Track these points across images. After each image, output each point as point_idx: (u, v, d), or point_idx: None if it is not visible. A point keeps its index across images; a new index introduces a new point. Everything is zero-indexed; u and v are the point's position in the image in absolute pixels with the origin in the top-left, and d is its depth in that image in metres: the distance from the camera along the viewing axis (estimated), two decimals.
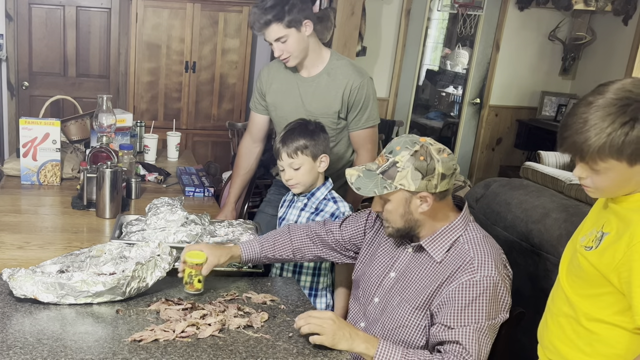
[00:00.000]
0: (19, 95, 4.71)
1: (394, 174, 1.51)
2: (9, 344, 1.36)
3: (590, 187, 1.32)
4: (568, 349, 1.43)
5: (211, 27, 4.49)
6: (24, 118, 2.62)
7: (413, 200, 1.53)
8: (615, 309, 1.33)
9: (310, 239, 1.86)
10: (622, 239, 1.28)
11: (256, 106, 2.51)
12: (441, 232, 1.58)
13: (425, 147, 1.51)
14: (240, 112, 4.70)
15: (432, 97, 6.24)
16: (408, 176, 1.50)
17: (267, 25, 2.21)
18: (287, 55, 2.27)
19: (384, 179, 1.53)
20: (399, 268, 1.66)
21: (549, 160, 4.89)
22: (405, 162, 1.50)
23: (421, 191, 1.51)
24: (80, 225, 2.22)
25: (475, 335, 1.47)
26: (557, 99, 5.63)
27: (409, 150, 1.51)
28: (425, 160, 1.50)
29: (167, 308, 1.57)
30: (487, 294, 1.48)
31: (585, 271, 1.36)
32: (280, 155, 2.00)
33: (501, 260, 1.55)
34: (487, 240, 1.58)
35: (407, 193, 1.52)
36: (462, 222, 1.59)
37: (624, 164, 1.24)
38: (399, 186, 1.51)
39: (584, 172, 1.30)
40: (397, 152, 1.52)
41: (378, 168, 1.55)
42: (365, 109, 2.35)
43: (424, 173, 1.50)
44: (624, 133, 1.20)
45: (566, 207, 2.03)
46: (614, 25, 5.23)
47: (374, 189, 1.53)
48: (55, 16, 4.62)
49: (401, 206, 1.55)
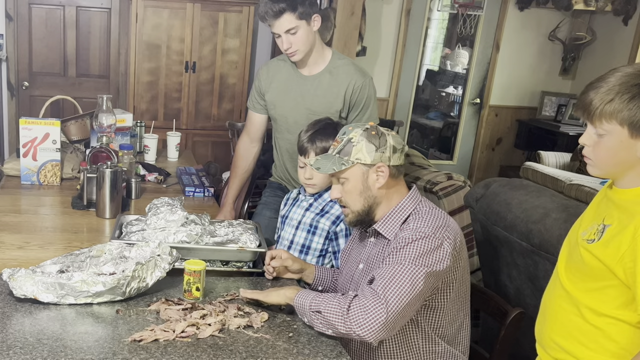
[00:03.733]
0: (19, 95, 4.71)
1: (350, 150, 1.62)
2: (9, 344, 1.36)
3: (591, 158, 1.35)
4: (571, 345, 1.43)
5: (211, 27, 4.49)
6: (24, 118, 2.62)
7: (370, 175, 1.63)
8: (619, 302, 1.33)
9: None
10: (626, 229, 1.28)
11: (254, 105, 2.51)
12: (391, 212, 1.66)
13: (374, 126, 1.66)
14: (240, 112, 4.70)
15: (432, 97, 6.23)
16: (363, 149, 1.61)
17: (281, 13, 2.20)
18: (295, 49, 2.26)
19: (340, 157, 1.63)
20: (364, 258, 1.74)
21: (549, 160, 4.88)
22: (359, 137, 1.62)
23: (376, 162, 1.61)
24: (80, 225, 2.22)
25: (390, 272, 1.48)
26: (557, 99, 5.63)
27: (361, 128, 1.64)
28: (377, 134, 1.63)
29: (167, 308, 1.57)
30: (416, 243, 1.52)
31: (588, 265, 1.36)
32: (308, 153, 2.00)
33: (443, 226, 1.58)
34: (433, 211, 1.63)
35: (363, 167, 1.62)
36: (411, 201, 1.67)
37: (626, 132, 1.27)
38: (356, 160, 1.62)
39: (589, 139, 1.34)
40: (349, 131, 1.65)
41: (334, 150, 1.66)
42: (367, 109, 2.36)
43: (377, 145, 1.62)
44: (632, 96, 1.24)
45: (566, 207, 2.03)
46: (614, 25, 5.23)
47: (332, 167, 1.64)
48: (55, 16, 4.62)
49: (359, 182, 1.64)
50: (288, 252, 1.86)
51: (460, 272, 1.62)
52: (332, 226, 2.04)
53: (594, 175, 1.41)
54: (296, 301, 1.54)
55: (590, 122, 1.32)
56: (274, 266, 1.78)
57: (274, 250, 1.84)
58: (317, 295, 1.53)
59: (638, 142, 1.27)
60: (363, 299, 1.45)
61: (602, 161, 1.34)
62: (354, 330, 1.43)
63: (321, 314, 1.48)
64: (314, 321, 1.50)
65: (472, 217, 2.49)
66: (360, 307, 1.44)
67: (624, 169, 1.32)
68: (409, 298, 1.46)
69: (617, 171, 1.34)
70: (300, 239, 2.09)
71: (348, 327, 1.44)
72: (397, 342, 1.64)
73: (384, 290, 1.45)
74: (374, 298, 1.44)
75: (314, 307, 1.50)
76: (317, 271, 1.89)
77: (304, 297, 1.53)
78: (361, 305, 1.44)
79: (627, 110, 1.25)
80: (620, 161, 1.31)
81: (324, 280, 1.91)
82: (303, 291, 1.56)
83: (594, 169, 1.37)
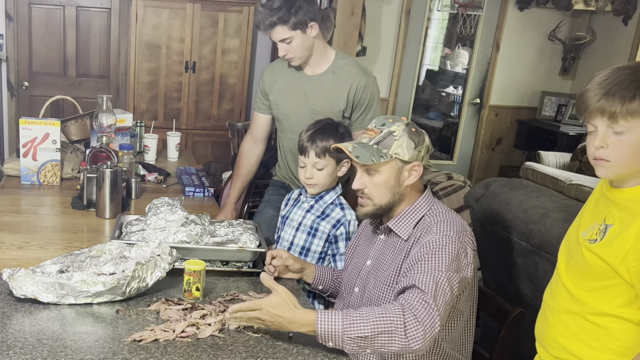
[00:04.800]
0: (19, 95, 4.71)
1: (391, 143, 1.58)
2: (9, 344, 1.36)
3: (608, 159, 1.30)
4: (573, 345, 1.43)
5: (211, 27, 4.49)
6: (24, 118, 2.62)
7: (403, 172, 1.61)
8: (621, 301, 1.34)
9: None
10: (629, 229, 1.28)
11: (259, 106, 2.52)
12: (406, 212, 1.65)
13: (412, 122, 1.64)
14: (241, 112, 4.70)
15: (432, 97, 6.23)
16: (404, 145, 1.58)
17: (272, 27, 2.22)
18: (292, 56, 2.29)
19: (379, 148, 1.59)
20: (374, 255, 1.72)
21: (549, 160, 4.89)
22: (402, 131, 1.59)
23: (413, 161, 1.59)
24: (80, 225, 2.22)
25: (433, 279, 1.46)
26: (557, 99, 5.63)
27: (402, 122, 1.61)
28: (416, 132, 1.62)
29: (167, 308, 1.57)
30: (447, 248, 1.51)
31: (590, 264, 1.36)
32: (308, 152, 1.99)
33: (464, 230, 1.58)
34: (450, 214, 1.62)
35: (399, 163, 1.60)
36: (426, 202, 1.66)
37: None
38: (394, 155, 1.59)
39: (604, 141, 1.29)
40: (390, 124, 1.61)
41: (371, 140, 1.61)
42: (370, 109, 2.36)
43: (416, 143, 1.60)
44: None
45: (566, 207, 2.03)
46: (614, 25, 5.23)
47: (371, 157, 1.59)
48: (55, 16, 4.62)
49: (392, 177, 1.61)
50: (288, 251, 1.86)
51: (472, 276, 1.61)
52: (333, 229, 2.03)
53: (604, 177, 1.38)
54: (320, 330, 1.38)
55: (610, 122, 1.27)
56: (275, 265, 1.78)
57: (274, 250, 1.84)
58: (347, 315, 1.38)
59: None
60: (415, 311, 1.39)
61: (623, 159, 1.29)
62: (411, 345, 1.37)
63: (367, 339, 1.36)
64: (347, 345, 1.37)
65: (472, 217, 2.49)
66: (416, 321, 1.38)
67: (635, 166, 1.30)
68: (451, 303, 1.47)
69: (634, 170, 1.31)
70: (300, 240, 2.09)
71: (404, 344, 1.37)
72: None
73: (435, 299, 1.42)
74: (427, 308, 1.40)
75: (352, 333, 1.36)
76: (317, 270, 1.89)
77: (330, 321, 1.37)
78: (417, 318, 1.38)
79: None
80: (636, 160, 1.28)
81: (324, 279, 1.91)
82: (323, 316, 1.38)
83: (609, 171, 1.32)
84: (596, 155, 1.32)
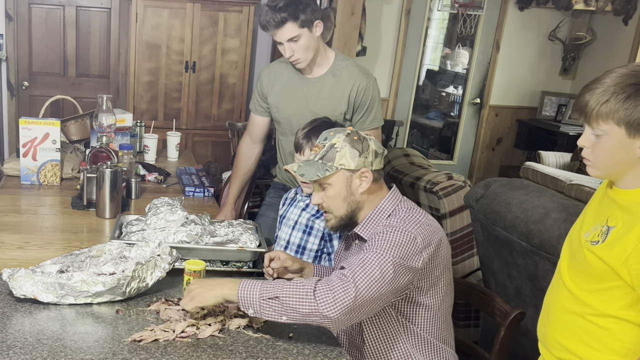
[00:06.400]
0: (19, 95, 4.71)
1: (333, 156, 1.61)
2: (9, 344, 1.36)
3: (590, 159, 1.35)
4: (575, 345, 1.43)
5: (211, 27, 4.48)
6: (24, 118, 2.62)
7: (353, 180, 1.63)
8: (623, 303, 1.33)
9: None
10: (632, 231, 1.28)
11: (256, 108, 2.50)
12: (371, 214, 1.67)
13: (354, 130, 1.65)
14: (240, 112, 4.70)
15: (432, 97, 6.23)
16: (347, 155, 1.60)
17: (282, 23, 2.19)
18: (298, 57, 2.25)
19: (324, 162, 1.62)
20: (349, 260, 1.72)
21: (549, 160, 4.88)
22: (342, 142, 1.61)
23: (360, 168, 1.61)
24: (80, 225, 2.22)
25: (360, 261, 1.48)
26: (557, 99, 5.63)
27: (343, 133, 1.63)
28: (359, 139, 1.62)
29: (167, 308, 1.57)
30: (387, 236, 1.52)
31: (592, 266, 1.36)
32: (303, 150, 2.00)
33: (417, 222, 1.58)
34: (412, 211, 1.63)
35: (347, 172, 1.62)
36: (390, 202, 1.67)
37: (623, 132, 1.27)
38: (340, 166, 1.61)
39: (587, 141, 1.34)
40: (331, 136, 1.64)
41: (316, 156, 1.64)
42: (371, 111, 2.35)
43: (360, 151, 1.61)
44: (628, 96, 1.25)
45: (566, 207, 2.03)
46: (614, 25, 5.23)
47: (316, 173, 1.61)
48: (55, 16, 4.62)
49: (343, 188, 1.63)
50: (286, 252, 1.86)
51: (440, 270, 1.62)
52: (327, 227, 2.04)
53: (594, 176, 1.42)
54: (241, 293, 1.46)
55: (587, 124, 1.33)
56: (273, 268, 1.78)
57: (271, 252, 1.84)
58: (265, 283, 1.49)
59: (636, 141, 1.27)
60: (330, 281, 1.44)
61: (602, 162, 1.34)
62: (320, 309, 1.40)
63: (278, 300, 1.43)
64: (264, 309, 1.45)
65: (472, 217, 2.49)
66: (328, 288, 1.42)
67: (623, 168, 1.32)
68: (378, 285, 1.45)
69: (617, 171, 1.34)
70: (296, 239, 2.09)
71: (314, 307, 1.41)
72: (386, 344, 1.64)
73: (353, 274, 1.45)
74: (342, 280, 1.44)
75: (267, 294, 1.44)
76: (315, 270, 1.89)
77: (250, 287, 1.47)
78: (329, 286, 1.43)
79: (624, 110, 1.25)
80: (619, 161, 1.31)
81: None
82: (245, 282, 1.49)
83: (593, 170, 1.37)
84: (582, 154, 1.37)
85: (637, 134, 1.26)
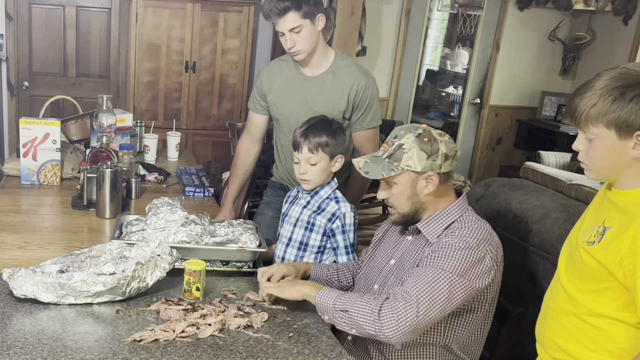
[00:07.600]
0: (19, 95, 4.71)
1: (401, 156, 1.58)
2: (9, 344, 1.36)
3: (585, 163, 1.36)
4: (571, 346, 1.43)
5: (211, 27, 4.49)
6: (24, 118, 2.62)
7: (419, 182, 1.60)
8: (618, 304, 1.34)
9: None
10: (626, 232, 1.28)
11: (255, 106, 2.50)
12: (437, 215, 1.64)
13: (427, 130, 1.61)
14: (240, 112, 4.70)
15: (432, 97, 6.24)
16: (414, 157, 1.57)
17: (285, 12, 2.18)
18: (298, 48, 2.24)
19: (390, 162, 1.60)
20: (398, 255, 1.72)
21: (549, 160, 4.89)
22: (411, 143, 1.58)
23: (427, 171, 1.58)
24: (80, 225, 2.22)
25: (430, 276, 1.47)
26: (557, 99, 5.63)
27: (413, 133, 1.59)
28: (429, 141, 1.58)
29: (167, 308, 1.57)
30: (460, 252, 1.51)
31: (588, 266, 1.36)
32: (301, 148, 2.00)
33: (487, 240, 1.56)
34: (479, 222, 1.61)
35: (413, 174, 1.59)
36: (459, 207, 1.65)
37: (613, 134, 1.28)
38: (406, 167, 1.58)
39: (581, 145, 1.35)
40: (401, 135, 1.60)
41: (384, 153, 1.62)
42: (370, 110, 2.35)
43: (429, 153, 1.57)
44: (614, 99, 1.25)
45: (566, 207, 2.03)
46: (614, 25, 5.23)
47: (381, 171, 1.60)
48: (55, 16, 4.63)
49: (408, 188, 1.61)
50: (279, 264, 1.81)
51: (494, 287, 1.61)
52: (328, 223, 2.04)
53: (591, 179, 1.42)
54: (318, 299, 1.54)
55: (579, 128, 1.33)
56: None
57: (265, 268, 1.77)
58: (342, 294, 1.52)
59: (627, 142, 1.27)
60: (394, 301, 1.45)
61: (596, 165, 1.34)
62: (383, 332, 1.44)
63: (347, 314, 1.48)
64: (336, 319, 1.51)
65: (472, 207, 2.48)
66: (392, 311, 1.44)
67: (618, 170, 1.33)
68: (443, 307, 1.46)
69: (613, 173, 1.34)
70: (298, 236, 2.10)
71: (377, 329, 1.44)
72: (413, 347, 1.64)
73: (417, 293, 1.45)
74: (405, 301, 1.44)
75: (339, 306, 1.50)
76: (313, 271, 1.87)
77: (327, 295, 1.53)
78: (392, 308, 1.44)
79: (611, 112, 1.26)
80: (613, 163, 1.32)
81: (320, 279, 1.89)
82: (326, 289, 1.56)
83: (590, 173, 1.38)
84: (578, 157, 1.38)
85: (628, 136, 1.27)
